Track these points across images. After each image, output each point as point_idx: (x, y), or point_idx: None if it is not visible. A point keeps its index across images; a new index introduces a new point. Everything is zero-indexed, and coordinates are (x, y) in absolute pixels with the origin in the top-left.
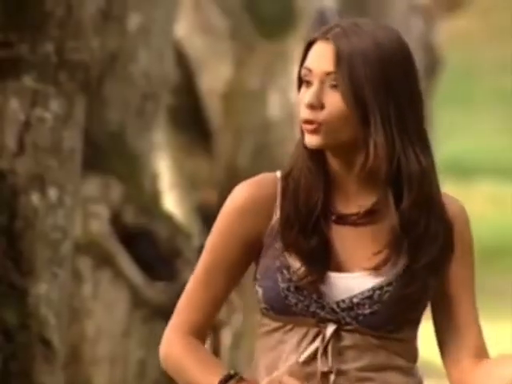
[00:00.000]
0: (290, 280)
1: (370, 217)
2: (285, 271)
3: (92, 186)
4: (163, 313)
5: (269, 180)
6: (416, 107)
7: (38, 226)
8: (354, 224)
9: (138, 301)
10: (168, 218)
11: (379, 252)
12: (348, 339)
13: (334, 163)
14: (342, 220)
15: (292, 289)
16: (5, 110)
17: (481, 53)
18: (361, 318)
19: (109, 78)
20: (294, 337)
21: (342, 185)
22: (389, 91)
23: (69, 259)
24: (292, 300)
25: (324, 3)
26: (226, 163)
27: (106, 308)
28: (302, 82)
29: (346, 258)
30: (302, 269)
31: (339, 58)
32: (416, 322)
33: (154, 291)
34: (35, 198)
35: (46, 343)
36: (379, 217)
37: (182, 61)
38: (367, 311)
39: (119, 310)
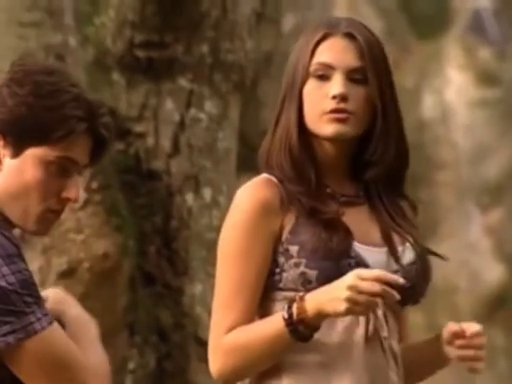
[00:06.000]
0: (349, 256)
1: (365, 195)
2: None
3: None
4: None
5: (267, 181)
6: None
7: (192, 226)
8: (358, 203)
9: None
10: None
11: (390, 230)
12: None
13: (331, 151)
14: (350, 201)
15: (353, 264)
16: (160, 111)
17: None
18: (401, 293)
19: (263, 78)
20: None
21: (335, 170)
22: (393, 85)
23: None
24: None
25: (479, 3)
26: None
27: None
28: (306, 76)
29: (371, 235)
30: (335, 238)
31: (366, 54)
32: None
33: None
34: (190, 198)
35: (201, 343)
36: (370, 193)
37: None
38: (407, 285)
39: None
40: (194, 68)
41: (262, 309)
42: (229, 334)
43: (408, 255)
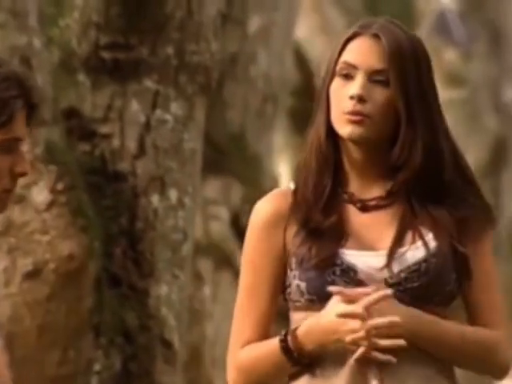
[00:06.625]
0: (334, 264)
1: (390, 198)
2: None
3: (212, 187)
4: (283, 314)
5: (284, 192)
6: (437, 101)
7: (158, 227)
8: (378, 207)
9: None
10: None
11: (406, 230)
12: None
13: (354, 154)
14: (367, 206)
15: (338, 272)
16: (126, 112)
17: None
18: (409, 291)
19: (229, 80)
20: None
21: (360, 173)
22: (427, 87)
23: (189, 261)
24: (340, 284)
25: (444, 4)
26: None
27: (226, 310)
28: (333, 74)
29: (377, 238)
30: (314, 247)
31: (391, 56)
32: (452, 298)
33: None
34: (156, 199)
35: (167, 344)
36: (398, 196)
37: (302, 62)
38: (416, 284)
39: None
40: (159, 69)
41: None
42: (243, 348)
43: (413, 255)
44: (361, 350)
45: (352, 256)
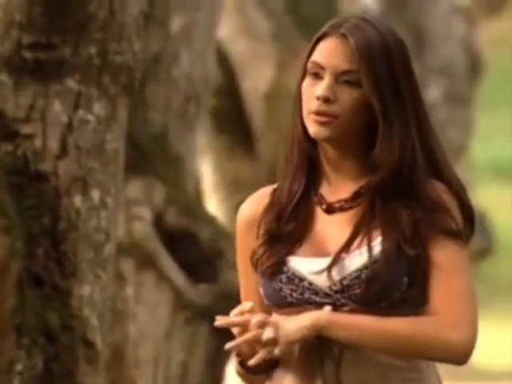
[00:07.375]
0: (281, 272)
1: (357, 199)
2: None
3: (135, 188)
4: (206, 314)
5: (266, 192)
6: (414, 95)
7: (80, 228)
8: (343, 209)
9: (180, 302)
10: (210, 220)
11: (358, 233)
12: None
13: (329, 154)
14: (332, 208)
15: (284, 280)
16: (48, 112)
17: None
18: (354, 297)
19: (152, 80)
20: None
21: (335, 172)
22: (401, 83)
23: (111, 261)
24: (286, 291)
25: (366, 5)
26: (268, 165)
27: (148, 310)
28: (305, 73)
29: (334, 242)
30: (266, 253)
31: (360, 56)
32: (414, 300)
33: (196, 293)
34: (78, 200)
35: (89, 345)
36: (364, 199)
37: (225, 63)
38: (358, 291)
39: (162, 312)
40: (81, 69)
41: None
42: None
43: (355, 262)
44: (260, 355)
45: (299, 263)
